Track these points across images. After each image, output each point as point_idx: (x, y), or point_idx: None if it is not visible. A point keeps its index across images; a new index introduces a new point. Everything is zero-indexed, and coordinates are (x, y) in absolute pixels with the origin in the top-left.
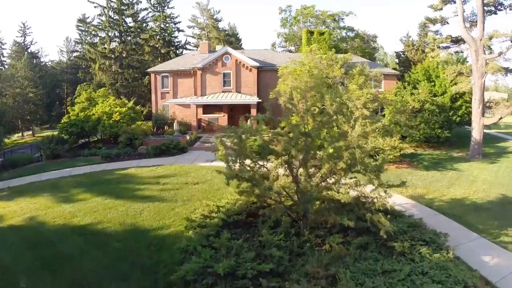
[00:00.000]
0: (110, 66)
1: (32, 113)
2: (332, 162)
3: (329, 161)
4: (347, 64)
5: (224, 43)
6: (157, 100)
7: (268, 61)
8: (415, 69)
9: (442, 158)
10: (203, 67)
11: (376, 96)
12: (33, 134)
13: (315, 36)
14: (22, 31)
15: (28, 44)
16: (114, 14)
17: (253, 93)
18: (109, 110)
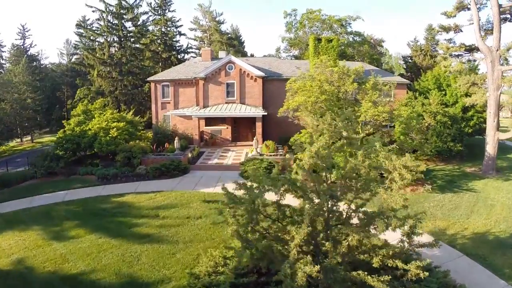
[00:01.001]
0: (109, 72)
1: (30, 119)
2: (363, 234)
3: (359, 232)
4: (359, 76)
5: (226, 47)
6: (157, 110)
7: (273, 70)
8: (424, 76)
9: (456, 175)
10: (206, 77)
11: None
12: (32, 140)
13: (323, 43)
14: (22, 34)
15: (28, 46)
16: (113, 18)
17: (258, 104)
18: (106, 126)
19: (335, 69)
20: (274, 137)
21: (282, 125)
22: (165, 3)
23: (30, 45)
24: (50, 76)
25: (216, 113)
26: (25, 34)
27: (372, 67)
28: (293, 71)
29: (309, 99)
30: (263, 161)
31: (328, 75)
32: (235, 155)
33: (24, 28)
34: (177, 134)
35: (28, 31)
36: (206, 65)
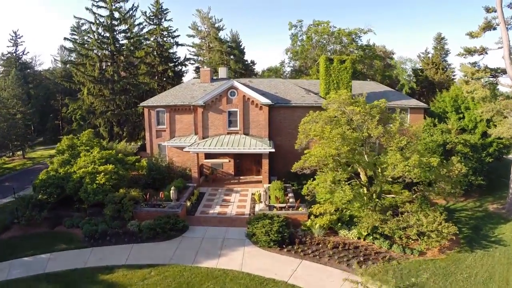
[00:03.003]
0: (101, 90)
1: (20, 136)
2: None
3: None
4: (382, 111)
5: (226, 55)
6: (152, 139)
7: (280, 95)
8: (440, 96)
9: (479, 217)
10: (205, 104)
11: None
12: (23, 155)
13: (335, 64)
14: (14, 41)
15: (20, 54)
16: (104, 31)
17: (264, 135)
18: (92, 169)
19: (356, 109)
20: (282, 170)
21: (290, 156)
22: (160, 12)
23: (22, 52)
24: (44, 84)
25: (217, 149)
26: (17, 41)
27: (386, 88)
28: (302, 97)
29: (330, 150)
30: (273, 221)
31: (349, 114)
32: (240, 199)
33: (17, 34)
34: (174, 170)
35: (20, 37)
36: (205, 88)
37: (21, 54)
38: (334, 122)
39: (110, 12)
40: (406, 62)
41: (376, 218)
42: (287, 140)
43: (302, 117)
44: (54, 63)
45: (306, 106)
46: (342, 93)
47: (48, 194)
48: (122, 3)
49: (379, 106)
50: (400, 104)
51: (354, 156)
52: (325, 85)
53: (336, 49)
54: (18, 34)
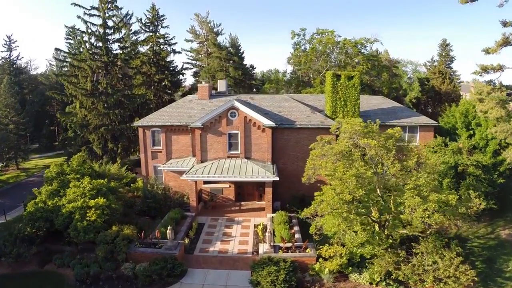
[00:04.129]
0: (94, 103)
1: (13, 148)
2: None
3: None
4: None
5: (225, 61)
6: (147, 160)
7: (284, 115)
8: (449, 111)
9: (492, 246)
10: (203, 126)
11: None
12: (17, 167)
13: (342, 81)
14: (8, 45)
15: (14, 59)
16: (97, 41)
17: (267, 159)
18: (82, 203)
19: (372, 142)
20: (285, 194)
21: (294, 179)
22: (157, 18)
23: (17, 57)
24: (39, 90)
25: (216, 177)
26: (11, 45)
27: (394, 103)
28: (307, 117)
29: (344, 195)
30: (279, 267)
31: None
32: (242, 233)
33: (10, 39)
34: (170, 198)
35: (15, 42)
36: (203, 105)
37: (15, 59)
38: (346, 157)
39: (103, 20)
40: (407, 64)
41: (389, 260)
42: (291, 163)
43: (308, 138)
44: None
45: (312, 127)
46: (354, 123)
47: (36, 228)
48: (115, 11)
49: (394, 136)
50: (410, 122)
51: (369, 196)
52: (332, 103)
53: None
54: (12, 39)
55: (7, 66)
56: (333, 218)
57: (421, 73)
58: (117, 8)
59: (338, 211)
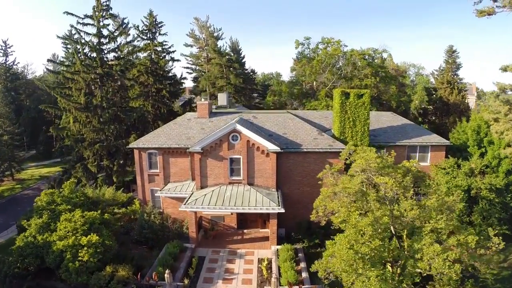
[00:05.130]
0: (88, 117)
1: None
2: None
3: None
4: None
5: (225, 68)
6: (144, 184)
7: (290, 137)
8: (460, 126)
9: (505, 277)
10: (203, 150)
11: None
12: (12, 178)
13: (351, 99)
14: (3, 51)
15: (10, 64)
16: (91, 51)
17: (271, 185)
18: (73, 241)
19: (389, 182)
20: (290, 221)
21: (300, 206)
22: (155, 25)
23: (13, 62)
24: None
25: (217, 209)
26: (7, 51)
27: (404, 121)
28: (314, 139)
29: (361, 247)
30: None
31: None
32: (245, 269)
33: (6, 44)
34: (169, 228)
35: (11, 47)
36: (203, 125)
37: (11, 65)
38: (359, 197)
39: (97, 30)
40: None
41: None
42: (296, 188)
43: (315, 162)
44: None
45: (319, 151)
46: (369, 158)
47: (26, 264)
48: (111, 20)
49: (412, 171)
50: (421, 142)
51: (385, 244)
52: (340, 123)
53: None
54: (8, 44)
55: (2, 72)
56: (347, 274)
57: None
58: (113, 17)
59: (353, 267)
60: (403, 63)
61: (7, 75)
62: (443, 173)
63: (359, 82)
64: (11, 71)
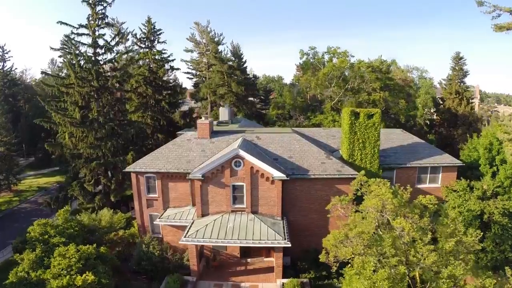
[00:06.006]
0: (84, 132)
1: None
2: None
3: None
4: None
5: (226, 75)
6: (142, 208)
7: (296, 161)
8: (471, 143)
9: None
10: (204, 177)
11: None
12: (10, 189)
13: (361, 120)
14: (1, 56)
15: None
16: (86, 63)
17: (276, 213)
18: (68, 281)
19: (406, 226)
20: (295, 249)
21: (306, 234)
22: (153, 33)
23: (10, 68)
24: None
25: (220, 242)
26: (5, 56)
27: (415, 139)
28: (322, 164)
29: None
30: None
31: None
32: None
33: (4, 49)
34: (168, 259)
35: (8, 52)
36: (204, 146)
37: (9, 70)
38: (374, 242)
39: (93, 40)
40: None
41: None
42: (302, 215)
43: (322, 189)
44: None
45: (327, 178)
46: (385, 197)
47: None
48: (107, 29)
49: (429, 210)
50: (433, 162)
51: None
52: (349, 145)
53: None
54: (5, 49)
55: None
56: None
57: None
58: (109, 26)
59: None
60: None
61: (4, 81)
62: (454, 196)
63: (367, 97)
64: (9, 77)
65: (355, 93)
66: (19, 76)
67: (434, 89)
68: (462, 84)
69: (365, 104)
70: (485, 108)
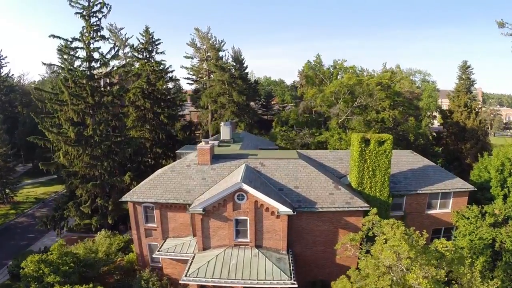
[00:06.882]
0: (79, 152)
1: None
2: None
3: None
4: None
5: (227, 84)
6: (140, 239)
7: (302, 192)
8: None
9: None
10: (205, 211)
11: None
12: (7, 200)
13: (371, 147)
14: None
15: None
16: (80, 78)
17: (282, 247)
18: None
19: (423, 283)
20: (301, 281)
21: (313, 266)
22: (151, 43)
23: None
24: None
25: (222, 282)
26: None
27: (425, 161)
28: (330, 195)
29: None
30: None
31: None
32: None
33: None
34: None
35: (4, 58)
36: (204, 174)
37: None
38: None
39: (87, 53)
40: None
41: None
42: (309, 248)
43: (330, 221)
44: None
45: (335, 211)
46: (401, 249)
47: None
48: (102, 41)
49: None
50: (444, 188)
51: None
52: (358, 173)
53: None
54: (2, 55)
55: None
56: None
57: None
58: (104, 39)
59: None
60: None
61: (1, 88)
62: (466, 222)
63: (376, 115)
64: (5, 83)
65: (363, 110)
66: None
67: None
68: (469, 94)
69: (373, 123)
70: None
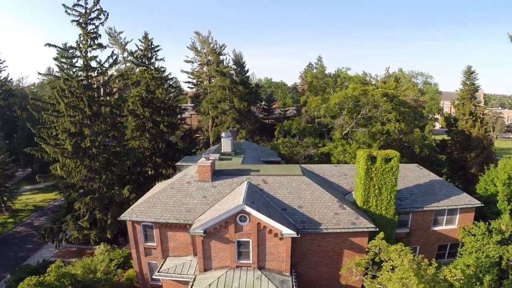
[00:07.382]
0: (77, 163)
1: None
2: None
3: None
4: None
5: (228, 90)
6: (140, 257)
7: (307, 212)
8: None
9: None
10: (206, 232)
11: None
12: (5, 208)
13: (377, 164)
14: None
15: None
16: (77, 87)
17: (285, 269)
18: None
19: None
20: None
21: (316, 286)
22: (150, 49)
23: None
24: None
25: None
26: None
27: (431, 176)
28: (335, 215)
29: None
30: None
31: None
32: None
33: None
34: None
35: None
36: (205, 191)
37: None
38: None
39: (84, 63)
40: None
41: None
42: (312, 269)
43: (334, 241)
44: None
45: (340, 232)
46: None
47: None
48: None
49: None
50: (451, 204)
51: None
52: (364, 191)
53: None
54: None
55: None
56: None
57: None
58: (102, 47)
59: None
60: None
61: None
62: (472, 239)
63: (381, 127)
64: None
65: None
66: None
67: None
68: (474, 100)
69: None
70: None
